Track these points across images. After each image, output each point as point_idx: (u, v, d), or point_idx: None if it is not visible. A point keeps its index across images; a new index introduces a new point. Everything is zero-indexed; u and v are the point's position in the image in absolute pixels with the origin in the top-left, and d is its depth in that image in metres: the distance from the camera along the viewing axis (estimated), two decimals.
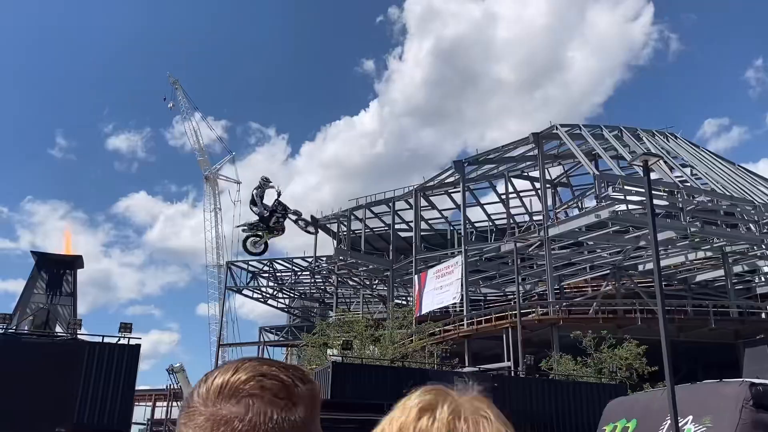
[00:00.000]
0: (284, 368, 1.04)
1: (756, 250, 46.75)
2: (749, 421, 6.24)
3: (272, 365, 1.03)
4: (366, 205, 60.57)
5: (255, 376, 0.99)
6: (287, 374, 1.01)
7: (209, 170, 78.07)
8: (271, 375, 1.00)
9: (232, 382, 0.99)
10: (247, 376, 1.00)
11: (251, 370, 1.01)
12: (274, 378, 0.99)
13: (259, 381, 0.99)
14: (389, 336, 38.82)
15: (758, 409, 6.33)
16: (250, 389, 0.97)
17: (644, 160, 15.54)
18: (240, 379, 0.99)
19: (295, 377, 1.01)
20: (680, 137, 53.20)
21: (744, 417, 6.28)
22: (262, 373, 1.00)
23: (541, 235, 45.91)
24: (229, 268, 67.88)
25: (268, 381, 0.99)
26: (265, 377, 0.99)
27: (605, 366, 32.21)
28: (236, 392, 0.98)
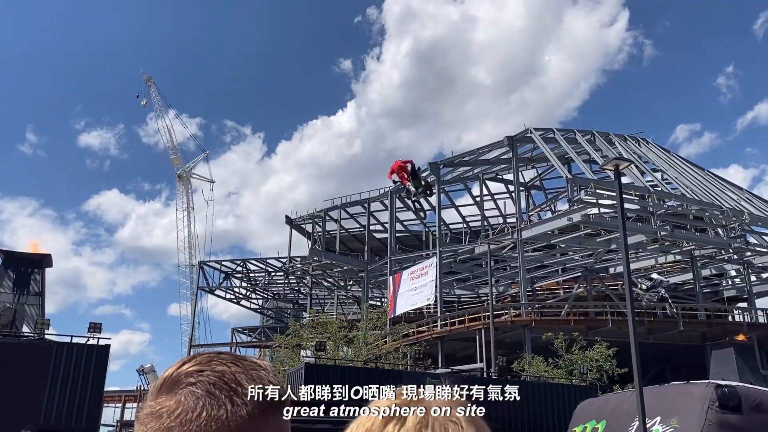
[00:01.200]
0: (236, 364, 0.95)
1: (723, 254, 47.73)
2: (715, 422, 6.37)
3: (225, 360, 0.96)
4: (341, 205, 60.49)
5: (197, 369, 0.93)
6: (235, 370, 0.94)
7: (182, 168, 77.31)
8: (214, 370, 0.93)
9: (175, 375, 0.94)
10: (190, 369, 0.94)
11: (197, 363, 0.95)
12: (216, 373, 0.92)
13: (198, 375, 0.92)
14: (363, 337, 38.79)
15: (723, 410, 6.46)
16: (187, 383, 0.92)
17: (616, 164, 15.77)
18: (182, 372, 0.94)
19: (244, 374, 0.93)
20: (651, 142, 54.11)
21: (710, 418, 6.41)
22: (205, 367, 0.94)
23: (514, 237, 46.31)
24: (201, 268, 67.23)
25: (208, 375, 0.92)
26: (206, 371, 0.93)
27: (576, 367, 32.59)
28: (175, 385, 0.92)
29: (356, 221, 63.13)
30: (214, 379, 0.91)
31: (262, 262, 66.69)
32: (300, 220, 63.85)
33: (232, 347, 67.43)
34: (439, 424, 0.95)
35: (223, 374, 0.92)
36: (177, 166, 77.53)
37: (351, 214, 61.99)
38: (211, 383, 0.90)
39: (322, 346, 30.76)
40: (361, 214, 61.16)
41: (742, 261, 48.03)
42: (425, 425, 0.95)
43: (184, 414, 0.87)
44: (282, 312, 78.05)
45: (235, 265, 68.39)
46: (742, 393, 6.71)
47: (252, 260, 67.67)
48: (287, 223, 63.81)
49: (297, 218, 63.63)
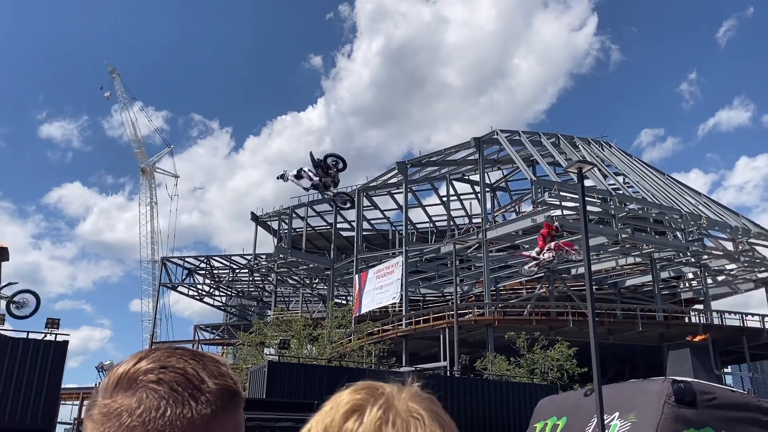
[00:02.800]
0: (196, 360, 0.92)
1: (682, 257, 48.95)
2: (671, 416, 6.55)
3: (184, 356, 0.92)
4: (308, 203, 60.20)
5: (157, 366, 0.89)
6: (195, 367, 0.90)
7: (146, 162, 76.00)
8: (175, 367, 0.89)
9: (131, 372, 0.89)
10: (148, 366, 0.89)
11: (156, 360, 0.91)
12: (177, 370, 0.89)
13: (159, 372, 0.88)
14: (327, 335, 38.70)
15: (679, 404, 6.64)
16: (147, 381, 0.87)
17: (579, 167, 16.05)
18: (140, 369, 0.89)
19: (205, 371, 0.90)
20: (614, 146, 55.18)
21: (666, 412, 6.58)
22: (165, 364, 0.90)
23: (479, 237, 46.75)
24: (164, 264, 66.21)
25: (170, 373, 0.88)
26: (167, 369, 0.89)
27: (537, 366, 33.05)
28: (133, 383, 0.88)
29: (323, 219, 62.91)
30: (175, 377, 0.88)
31: (226, 259, 65.98)
32: (266, 217, 63.34)
33: (195, 345, 66.56)
34: (401, 420, 0.92)
35: (185, 371, 0.89)
36: (141, 159, 76.21)
37: (318, 211, 61.76)
38: (173, 380, 0.87)
39: (285, 344, 30.58)
40: (328, 211, 60.96)
41: (699, 264, 49.34)
42: (386, 421, 0.91)
43: (147, 413, 0.83)
44: (246, 310, 77.37)
45: (199, 261, 67.54)
46: (697, 388, 6.91)
47: (216, 257, 66.89)
48: (253, 219, 63.25)
49: (263, 215, 63.11)
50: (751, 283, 53.06)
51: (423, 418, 0.93)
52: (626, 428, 6.99)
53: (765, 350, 47.29)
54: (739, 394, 7.50)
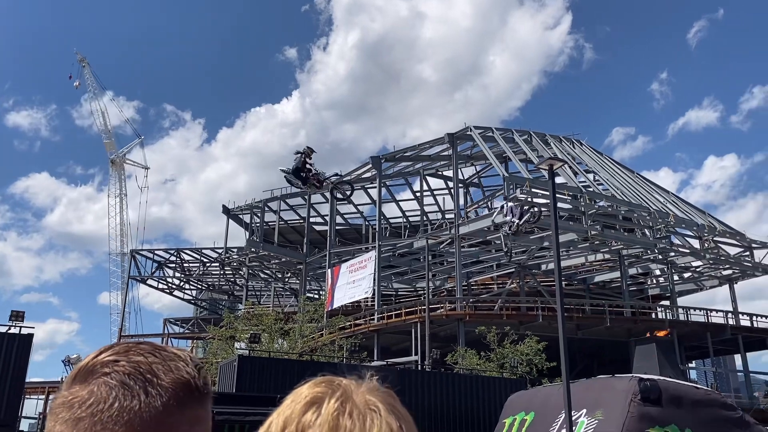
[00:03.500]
0: (155, 354, 0.91)
1: (650, 254, 49.81)
2: (636, 414, 6.65)
3: (143, 350, 0.92)
4: (281, 196, 59.81)
5: (114, 359, 0.90)
6: (152, 361, 0.90)
7: (116, 154, 74.67)
8: (131, 360, 0.90)
9: (89, 365, 0.90)
10: (105, 359, 0.90)
11: (115, 353, 0.91)
12: (132, 363, 0.89)
13: (114, 365, 0.89)
14: (299, 330, 38.54)
15: (645, 402, 6.75)
16: (102, 373, 0.88)
17: (550, 164, 16.18)
18: (98, 361, 0.90)
19: (162, 364, 0.90)
20: (585, 144, 55.85)
21: (632, 410, 6.68)
22: (122, 357, 0.90)
23: (452, 232, 46.98)
24: (133, 257, 65.26)
25: (124, 366, 0.88)
26: (122, 362, 0.89)
27: (507, 361, 33.35)
28: (89, 375, 0.89)
29: (296, 213, 62.58)
30: (129, 369, 0.88)
31: (197, 252, 65.29)
32: (238, 210, 62.77)
33: (164, 338, 65.82)
34: (358, 412, 0.94)
35: (139, 364, 0.89)
36: (110, 150, 74.83)
37: (291, 205, 61.40)
38: (126, 373, 0.87)
39: (256, 339, 30.37)
40: (301, 205, 60.65)
41: (666, 261, 50.27)
42: (343, 412, 0.94)
43: (95, 404, 0.85)
44: (217, 303, 76.69)
45: (169, 254, 66.71)
46: (663, 386, 7.02)
47: (186, 250, 66.15)
48: (224, 212, 62.64)
49: (235, 208, 62.52)
50: (715, 280, 54.27)
51: (379, 410, 0.96)
52: (593, 425, 7.08)
53: (728, 346, 48.45)
54: (703, 391, 7.65)
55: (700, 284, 56.08)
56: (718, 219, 52.79)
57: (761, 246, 49.88)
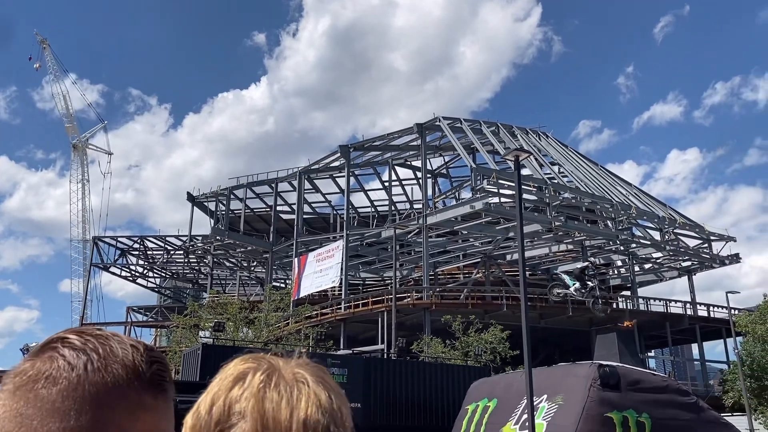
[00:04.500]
0: (106, 337, 0.89)
1: (611, 245, 50.76)
2: (596, 399, 6.80)
3: (97, 332, 0.90)
4: (247, 184, 59.23)
5: (64, 336, 0.88)
6: (102, 341, 0.87)
7: (78, 138, 72.92)
8: (81, 337, 0.87)
9: (43, 342, 0.89)
10: (56, 336, 0.88)
11: (68, 332, 0.90)
12: (82, 339, 0.87)
13: (63, 340, 0.87)
14: (264, 318, 38.35)
15: (604, 388, 6.90)
16: (50, 347, 0.86)
17: (516, 155, 16.35)
18: (50, 338, 0.89)
19: (111, 346, 0.87)
20: (551, 136, 56.53)
21: (592, 395, 6.83)
22: (72, 334, 0.88)
23: (419, 222, 47.16)
24: (95, 244, 63.99)
25: (73, 340, 0.86)
26: (71, 336, 0.87)
27: (471, 349, 33.73)
28: (39, 351, 0.87)
29: (263, 201, 62.07)
30: (78, 345, 0.86)
31: (161, 240, 64.33)
32: (203, 198, 61.98)
33: (127, 327, 64.83)
34: (285, 384, 0.95)
35: (87, 342, 0.87)
36: (72, 135, 73.06)
37: (257, 193, 60.85)
38: (72, 348, 0.86)
39: (221, 327, 30.15)
40: (268, 193, 60.15)
41: (627, 252, 51.32)
42: (269, 384, 0.94)
43: (35, 375, 0.83)
44: (181, 291, 75.79)
45: (132, 241, 65.59)
46: (621, 372, 7.19)
47: (150, 237, 65.12)
48: (189, 200, 61.80)
49: (200, 195, 61.72)
50: (675, 271, 55.62)
51: (307, 381, 0.96)
52: (553, 410, 7.22)
53: (686, 335, 49.80)
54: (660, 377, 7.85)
55: (660, 275, 57.42)
56: (678, 212, 54.06)
57: (719, 238, 51.27)
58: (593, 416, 6.74)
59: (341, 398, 0.99)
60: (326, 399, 0.96)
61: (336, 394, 0.98)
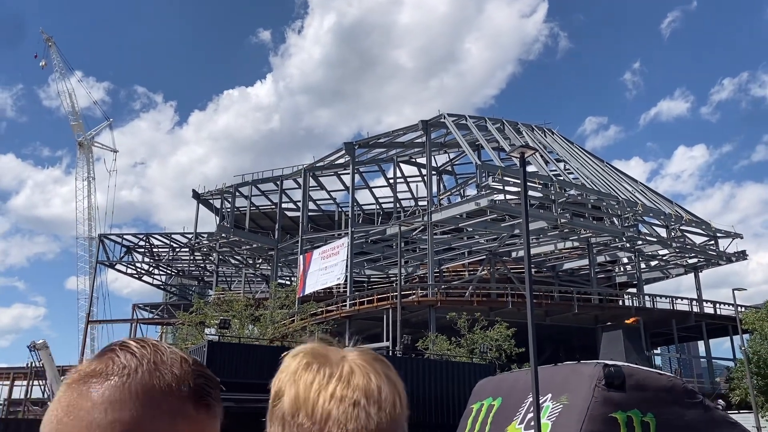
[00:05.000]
0: (159, 346, 0.96)
1: (617, 243, 50.61)
2: (600, 399, 6.77)
3: (150, 341, 0.97)
4: (252, 182, 59.29)
5: (124, 342, 0.95)
6: (157, 349, 0.94)
7: (83, 136, 73.10)
8: (139, 344, 0.94)
9: (105, 347, 0.97)
10: (118, 341, 0.96)
11: (127, 339, 0.97)
12: (139, 345, 0.94)
13: (123, 345, 0.94)
14: (270, 316, 38.40)
15: (609, 388, 6.87)
16: (111, 350, 0.94)
17: (522, 152, 16.29)
18: (113, 343, 0.96)
19: (164, 355, 0.93)
20: (557, 133, 56.34)
21: (596, 395, 6.80)
22: (130, 340, 0.95)
23: (424, 220, 47.11)
24: (101, 241, 64.21)
25: (132, 345, 0.93)
26: (130, 343, 0.94)
27: (477, 346, 33.69)
28: (102, 353, 0.94)
29: (268, 198, 62.13)
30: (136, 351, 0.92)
31: (166, 237, 64.49)
32: (208, 195, 62.08)
33: (132, 324, 65.09)
34: (322, 366, 1.05)
35: (144, 347, 0.94)
36: (78, 133, 73.22)
37: (263, 191, 60.91)
38: (130, 352, 0.92)
39: (226, 324, 30.21)
40: (273, 191, 60.21)
41: (633, 249, 51.15)
42: (306, 367, 1.06)
43: (102, 371, 0.90)
44: (186, 289, 75.97)
45: (138, 239, 65.79)
46: (627, 372, 7.15)
47: (156, 235, 65.32)
48: (195, 197, 61.91)
49: (205, 193, 61.82)
50: (681, 268, 55.43)
51: (348, 363, 1.06)
52: (558, 410, 7.19)
53: (692, 332, 49.62)
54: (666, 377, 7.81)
55: (666, 272, 57.22)
56: (685, 208, 53.82)
57: (726, 235, 51.04)
58: (597, 416, 6.71)
59: (382, 379, 1.05)
60: (362, 378, 1.03)
61: (376, 375, 1.05)
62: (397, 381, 1.09)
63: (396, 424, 1.04)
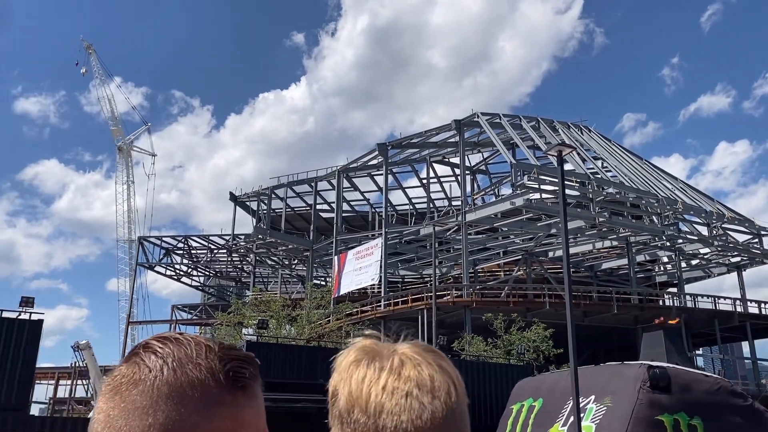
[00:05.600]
0: (185, 338, 0.96)
1: (657, 241, 49.61)
2: (645, 401, 6.63)
3: (176, 335, 0.97)
4: (287, 183, 59.85)
5: (147, 343, 0.96)
6: (184, 342, 0.95)
7: (122, 141, 74.77)
8: (163, 342, 0.95)
9: (135, 347, 0.97)
10: (144, 342, 0.96)
11: (152, 338, 0.97)
12: (162, 342, 0.94)
13: (147, 347, 0.94)
14: (306, 316, 38.71)
15: (654, 390, 6.72)
16: (138, 352, 0.94)
17: (559, 150, 16.10)
18: (139, 344, 0.97)
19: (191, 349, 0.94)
20: (593, 130, 55.52)
21: (641, 397, 6.67)
22: (155, 340, 0.96)
23: (458, 220, 46.90)
24: (141, 243, 65.54)
25: (155, 345, 0.94)
26: (154, 342, 0.95)
27: (514, 348, 33.42)
28: (131, 355, 0.95)
29: (302, 200, 62.65)
30: (164, 350, 0.92)
31: (204, 239, 65.50)
32: (245, 197, 62.88)
33: (172, 325, 66.27)
34: (373, 361, 1.07)
35: (168, 344, 0.94)
36: (117, 137, 74.94)
37: (298, 192, 61.44)
38: (157, 353, 0.92)
39: (264, 324, 30.54)
40: (307, 192, 60.69)
41: (674, 248, 50.09)
42: (357, 364, 1.08)
43: (133, 376, 0.89)
44: (224, 290, 77.04)
45: (177, 241, 66.96)
46: (672, 374, 7.00)
47: (194, 236, 66.39)
48: (231, 199, 62.76)
49: (242, 195, 62.63)
50: (723, 267, 54.08)
51: (399, 356, 1.07)
52: (602, 412, 7.08)
53: (736, 333, 48.35)
54: (712, 378, 7.62)
55: (708, 271, 55.89)
56: (727, 206, 52.49)
57: None
58: (643, 419, 6.58)
59: (434, 368, 1.06)
60: (413, 369, 1.04)
61: (428, 365, 1.06)
62: (451, 370, 1.10)
63: (452, 412, 1.04)
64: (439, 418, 1.01)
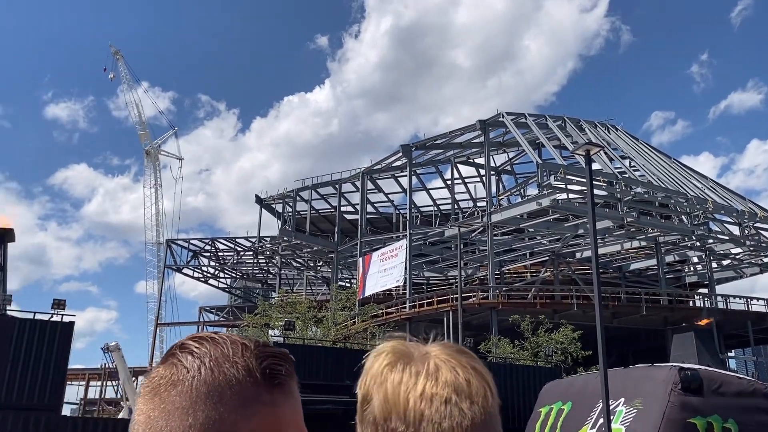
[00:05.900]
0: (220, 337, 0.97)
1: (687, 241, 48.77)
2: (677, 404, 6.51)
3: (212, 335, 0.98)
4: (312, 186, 60.15)
5: (183, 343, 0.96)
6: (220, 341, 0.95)
7: (150, 145, 75.84)
8: (198, 342, 0.95)
9: (170, 349, 0.98)
10: (179, 342, 0.97)
11: (187, 338, 0.98)
12: (197, 342, 0.95)
13: (181, 347, 0.95)
14: (332, 317, 38.83)
15: (686, 392, 6.60)
16: (173, 353, 0.95)
17: (587, 149, 15.93)
18: (174, 345, 0.98)
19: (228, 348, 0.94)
20: (621, 129, 54.80)
21: (672, 400, 6.54)
22: (190, 340, 0.96)
23: (484, 221, 46.64)
24: (169, 246, 66.37)
25: (191, 345, 0.94)
26: (190, 343, 0.95)
27: (541, 350, 33.12)
28: (168, 356, 0.95)
29: (327, 202, 62.89)
30: (200, 350, 0.93)
31: (231, 242, 66.10)
32: (270, 200, 63.35)
33: (200, 326, 66.98)
34: (407, 364, 1.05)
35: (204, 343, 0.94)
36: (145, 141, 76.05)
37: (322, 194, 61.71)
38: (194, 354, 0.92)
39: (290, 326, 30.71)
40: (332, 194, 60.91)
41: (704, 248, 49.19)
42: (391, 367, 1.05)
43: (171, 377, 0.89)
44: (250, 291, 77.66)
45: (204, 243, 67.68)
46: (704, 376, 6.86)
47: (221, 239, 67.04)
48: (257, 202, 63.27)
49: (267, 198, 63.10)
50: (756, 267, 52.94)
51: (433, 360, 1.06)
52: (632, 415, 6.96)
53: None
54: (747, 381, 7.45)
55: (739, 271, 54.77)
56: (759, 205, 51.38)
57: None
58: (675, 422, 6.46)
59: (470, 372, 1.05)
60: (449, 373, 1.03)
61: (463, 368, 1.05)
62: (484, 372, 1.08)
63: (490, 416, 1.03)
64: (479, 424, 1.00)
